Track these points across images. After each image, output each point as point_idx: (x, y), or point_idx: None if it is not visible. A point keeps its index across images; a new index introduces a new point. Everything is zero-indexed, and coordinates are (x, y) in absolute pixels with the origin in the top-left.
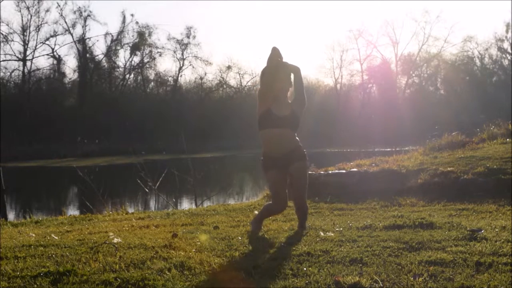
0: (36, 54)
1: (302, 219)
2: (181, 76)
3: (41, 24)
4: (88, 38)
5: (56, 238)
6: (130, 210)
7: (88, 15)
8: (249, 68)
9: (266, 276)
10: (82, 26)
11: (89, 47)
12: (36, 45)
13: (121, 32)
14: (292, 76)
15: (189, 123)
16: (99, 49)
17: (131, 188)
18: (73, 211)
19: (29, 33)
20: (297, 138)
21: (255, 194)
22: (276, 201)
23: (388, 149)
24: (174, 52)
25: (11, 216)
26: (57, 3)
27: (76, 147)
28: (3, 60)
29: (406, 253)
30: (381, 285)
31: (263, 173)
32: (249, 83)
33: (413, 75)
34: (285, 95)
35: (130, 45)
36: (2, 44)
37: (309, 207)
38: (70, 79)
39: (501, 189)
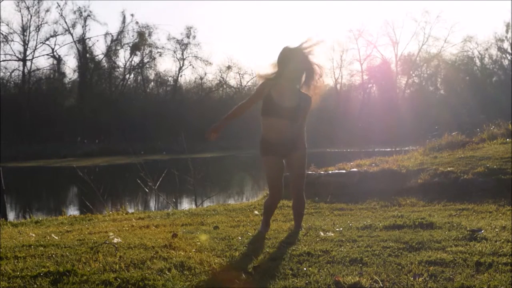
0: (36, 54)
1: (299, 217)
2: (181, 76)
3: (41, 24)
4: (88, 38)
5: (56, 238)
6: (130, 210)
7: (88, 15)
8: (249, 68)
9: (266, 276)
10: (82, 26)
11: (89, 47)
12: (36, 45)
13: (121, 32)
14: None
15: (189, 123)
16: (99, 49)
17: (131, 188)
18: (73, 211)
19: (29, 33)
20: (299, 130)
21: (255, 194)
22: (271, 187)
23: (388, 149)
24: (174, 52)
25: (11, 216)
26: (57, 3)
27: (76, 147)
28: (3, 60)
29: (406, 253)
30: (381, 285)
31: (261, 157)
32: (249, 83)
33: (413, 75)
34: (294, 83)
35: (130, 45)
36: (2, 44)
37: (309, 207)
38: (70, 79)
39: (501, 189)
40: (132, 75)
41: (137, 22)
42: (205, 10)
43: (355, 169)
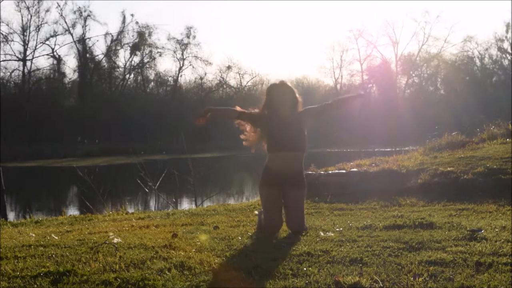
0: (36, 54)
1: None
2: (181, 76)
3: (41, 24)
4: (88, 38)
5: (56, 238)
6: (130, 210)
7: (88, 15)
8: (249, 68)
9: (266, 276)
10: (82, 26)
11: (89, 47)
12: (36, 45)
13: (121, 32)
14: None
15: (189, 123)
16: (99, 49)
17: (131, 188)
18: (73, 211)
19: (29, 33)
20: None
21: (255, 194)
22: (269, 220)
23: (388, 149)
24: (174, 52)
25: (11, 216)
26: (57, 3)
27: (76, 147)
28: (3, 60)
29: (406, 253)
30: (381, 285)
31: (259, 189)
32: (249, 83)
33: (413, 75)
34: (289, 109)
35: (130, 45)
36: (2, 44)
37: (309, 207)
38: (70, 79)
39: (501, 189)
40: (132, 75)
41: (137, 22)
42: (205, 10)
43: (355, 169)
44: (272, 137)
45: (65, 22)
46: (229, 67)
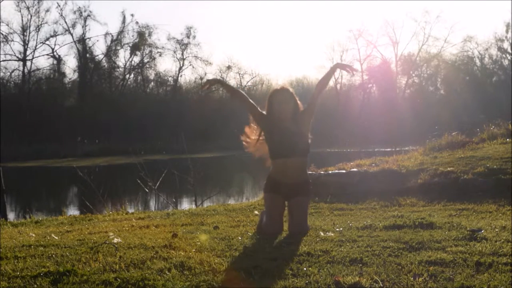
0: (36, 54)
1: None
2: (181, 76)
3: (41, 24)
4: (88, 38)
5: (56, 238)
6: (130, 210)
7: (88, 15)
8: (249, 68)
9: (266, 276)
10: (82, 26)
11: (89, 47)
12: (36, 45)
13: (121, 32)
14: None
15: (189, 123)
16: (99, 49)
17: (131, 188)
18: (73, 211)
19: (29, 33)
20: (307, 171)
21: (255, 194)
22: (270, 223)
23: (388, 149)
24: (174, 52)
25: (11, 216)
26: (57, 3)
27: (76, 147)
28: (3, 60)
29: (406, 253)
30: (381, 285)
31: (263, 194)
32: (249, 83)
33: (413, 75)
34: (289, 116)
35: (130, 45)
36: (2, 44)
37: (309, 207)
38: (70, 79)
39: (501, 189)
40: (132, 75)
41: (137, 22)
42: (205, 10)
43: (355, 169)
44: (274, 143)
45: (65, 22)
46: (229, 67)
